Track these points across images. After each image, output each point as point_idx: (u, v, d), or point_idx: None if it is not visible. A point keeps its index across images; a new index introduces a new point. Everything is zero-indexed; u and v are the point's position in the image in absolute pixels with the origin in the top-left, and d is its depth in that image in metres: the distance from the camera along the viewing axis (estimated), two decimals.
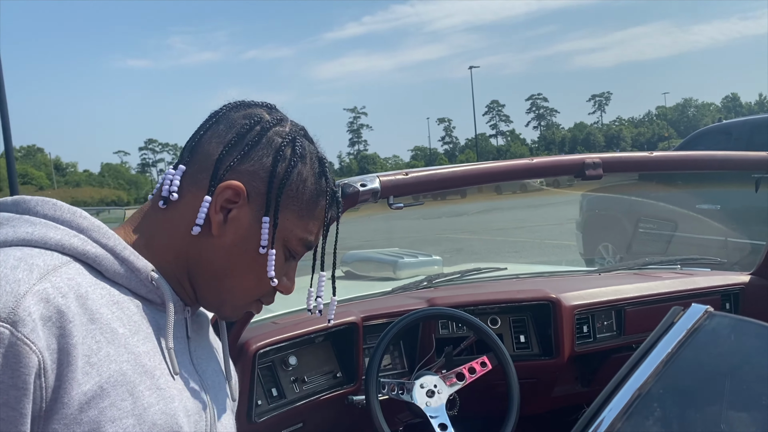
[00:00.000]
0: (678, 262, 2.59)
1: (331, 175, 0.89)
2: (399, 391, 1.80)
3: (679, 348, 0.52)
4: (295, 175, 0.82)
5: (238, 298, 0.85)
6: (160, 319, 0.80)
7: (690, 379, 0.53)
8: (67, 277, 0.71)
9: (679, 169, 1.89)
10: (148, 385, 0.73)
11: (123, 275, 0.77)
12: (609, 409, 0.50)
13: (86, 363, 0.68)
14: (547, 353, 2.11)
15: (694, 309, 0.58)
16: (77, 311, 0.70)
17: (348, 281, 3.19)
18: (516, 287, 2.27)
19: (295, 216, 0.83)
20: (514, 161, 1.72)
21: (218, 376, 0.91)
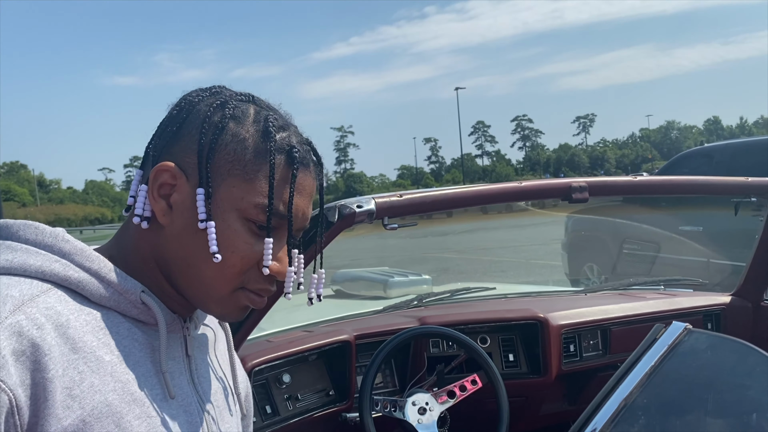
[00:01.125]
0: (661, 283, 2.66)
1: (290, 134, 0.78)
2: (391, 409, 1.83)
3: (661, 362, 0.57)
4: (228, 137, 0.75)
5: (215, 289, 0.76)
6: (154, 340, 0.76)
7: (671, 390, 0.58)
8: (45, 306, 0.68)
9: (662, 194, 1.96)
10: (137, 413, 0.70)
11: (110, 298, 0.73)
12: (597, 419, 0.55)
13: (67, 396, 0.65)
14: (535, 372, 2.16)
15: (675, 326, 0.63)
16: (56, 342, 0.66)
17: (339, 300, 3.23)
18: (505, 307, 2.33)
19: (241, 180, 0.74)
20: (505, 184, 1.79)
21: (223, 392, 0.87)
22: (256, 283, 0.77)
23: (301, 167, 0.77)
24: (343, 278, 3.41)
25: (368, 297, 3.10)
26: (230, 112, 0.76)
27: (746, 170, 4.74)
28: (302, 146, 0.78)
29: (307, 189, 0.78)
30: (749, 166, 5.20)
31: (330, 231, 1.51)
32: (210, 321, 0.91)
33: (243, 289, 0.77)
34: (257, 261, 0.75)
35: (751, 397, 0.55)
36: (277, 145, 0.76)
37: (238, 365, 0.94)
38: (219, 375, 0.88)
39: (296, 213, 0.77)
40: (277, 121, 0.78)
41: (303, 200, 0.78)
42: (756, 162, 5.31)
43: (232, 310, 0.78)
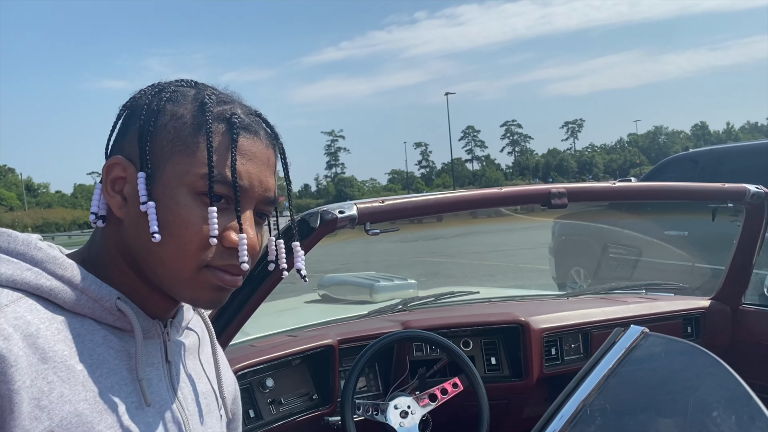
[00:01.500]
0: (643, 287, 2.70)
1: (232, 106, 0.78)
2: (373, 412, 1.85)
3: (618, 365, 0.59)
4: (167, 118, 0.75)
5: (178, 270, 0.74)
6: (131, 347, 0.75)
7: (626, 392, 0.61)
8: (13, 316, 0.67)
9: (640, 199, 2.00)
10: (109, 423, 0.70)
11: (84, 306, 0.73)
12: (556, 421, 0.57)
13: (35, 407, 0.65)
14: (516, 375, 2.18)
15: (632, 330, 0.66)
16: (23, 353, 0.66)
17: (324, 304, 3.25)
18: (487, 311, 2.35)
19: (184, 155, 0.74)
20: (484, 190, 1.81)
21: (207, 397, 0.86)
22: (221, 259, 0.74)
23: (245, 132, 0.76)
24: (330, 283, 3.43)
25: (354, 301, 3.12)
26: (167, 96, 0.77)
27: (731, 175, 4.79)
28: (248, 116, 0.78)
29: (259, 156, 0.77)
30: (734, 171, 5.27)
31: (312, 236, 1.53)
32: (194, 325, 0.90)
33: (209, 268, 0.74)
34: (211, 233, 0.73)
35: (700, 397, 0.58)
36: (215, 114, 0.75)
37: (224, 369, 0.93)
38: (203, 380, 0.87)
39: (250, 180, 0.75)
40: (216, 95, 0.78)
41: (254, 167, 0.76)
42: (740, 167, 5.37)
43: (203, 293, 0.75)
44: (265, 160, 0.78)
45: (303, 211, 1.67)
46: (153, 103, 0.76)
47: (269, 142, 0.79)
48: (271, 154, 0.79)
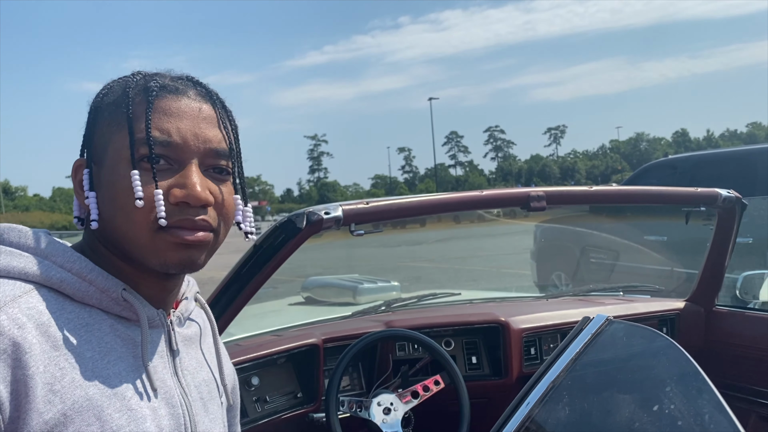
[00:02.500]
0: (620, 289, 2.77)
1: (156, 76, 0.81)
2: (357, 409, 1.89)
3: (585, 348, 0.65)
4: (103, 109, 0.80)
5: (137, 237, 0.77)
6: (137, 336, 0.79)
7: (591, 372, 0.66)
8: (27, 306, 0.71)
9: (616, 202, 2.06)
10: (118, 407, 0.73)
11: (92, 297, 0.76)
12: (530, 398, 0.63)
13: (49, 391, 0.69)
14: (497, 374, 2.24)
15: (598, 318, 0.71)
16: (37, 340, 0.70)
17: (309, 306, 3.29)
18: (468, 311, 2.41)
19: (116, 134, 0.78)
20: (466, 193, 1.87)
21: (209, 385, 0.90)
22: (171, 217, 0.76)
23: (165, 93, 0.78)
24: (313, 285, 3.47)
25: (338, 303, 3.16)
26: (104, 92, 0.82)
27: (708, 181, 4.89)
28: (173, 81, 0.81)
29: (187, 111, 0.79)
30: (711, 177, 5.39)
31: (297, 237, 1.57)
32: (196, 316, 0.94)
33: (165, 229, 0.76)
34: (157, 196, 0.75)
35: (655, 374, 0.63)
36: (137, 88, 0.79)
37: (224, 358, 0.97)
38: (205, 368, 0.91)
39: (181, 135, 0.77)
40: (143, 75, 0.82)
41: (184, 122, 0.78)
42: (717, 173, 5.50)
43: (168, 254, 0.77)
44: (198, 115, 0.79)
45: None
46: (92, 104, 0.83)
47: (201, 98, 0.81)
48: (205, 109, 0.81)
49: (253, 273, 1.65)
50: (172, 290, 0.86)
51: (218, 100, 0.83)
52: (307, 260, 7.10)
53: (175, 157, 0.77)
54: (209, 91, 0.83)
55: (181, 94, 0.80)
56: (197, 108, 0.80)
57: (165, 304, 0.85)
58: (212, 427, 0.87)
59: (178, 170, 0.77)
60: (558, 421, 0.62)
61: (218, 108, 0.82)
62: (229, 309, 1.67)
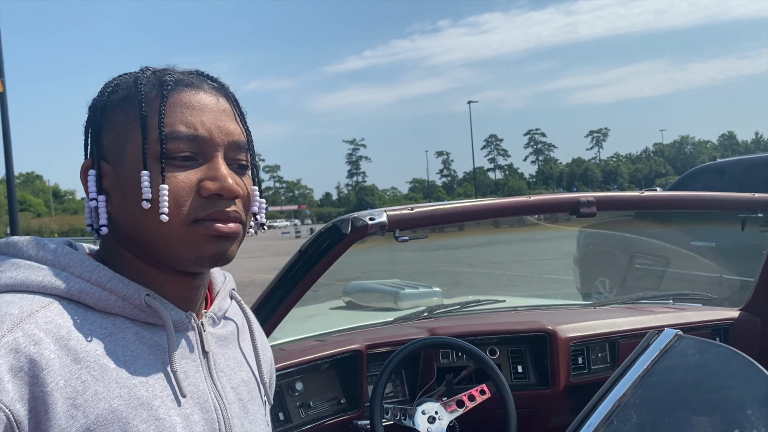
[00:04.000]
0: (670, 297, 2.68)
1: (167, 71, 0.80)
2: (401, 417, 1.87)
3: (652, 366, 0.61)
4: (114, 106, 0.78)
5: (168, 236, 0.76)
6: (164, 341, 0.77)
7: (661, 391, 0.62)
8: (44, 321, 0.70)
9: (669, 208, 2.00)
10: (145, 417, 0.72)
11: (115, 305, 0.75)
12: (593, 418, 0.59)
13: (71, 406, 0.67)
14: (543, 383, 2.19)
15: (666, 333, 0.67)
16: (56, 355, 0.68)
17: (350, 311, 3.28)
18: (514, 319, 2.36)
19: (135, 131, 0.76)
20: (513, 198, 1.83)
21: (249, 385, 0.88)
22: (204, 210, 0.75)
23: (182, 87, 0.77)
24: (355, 290, 3.46)
25: (379, 308, 3.14)
26: (109, 89, 0.80)
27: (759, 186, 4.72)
28: (186, 75, 0.79)
29: (208, 104, 0.78)
30: (762, 182, 5.20)
31: (342, 242, 1.56)
32: (232, 314, 0.91)
33: (197, 222, 0.75)
34: (188, 190, 0.75)
35: (734, 396, 0.59)
36: (149, 84, 0.77)
37: (263, 353, 0.94)
38: (244, 368, 0.88)
39: (206, 129, 0.76)
40: (152, 70, 0.80)
41: (207, 115, 0.77)
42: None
43: (201, 247, 0.76)
44: (217, 108, 0.79)
45: (325, 221, 1.70)
46: (98, 102, 0.80)
47: (216, 92, 0.80)
48: (223, 103, 0.80)
49: (299, 278, 1.64)
50: (199, 289, 0.83)
51: (231, 93, 0.83)
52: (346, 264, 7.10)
53: (201, 150, 0.76)
54: (222, 85, 0.82)
55: (197, 87, 0.79)
56: (216, 102, 0.79)
57: (194, 305, 0.83)
58: (252, 429, 0.85)
59: (203, 163, 0.77)
60: None
61: (232, 101, 0.82)
62: (274, 313, 1.67)
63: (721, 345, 0.66)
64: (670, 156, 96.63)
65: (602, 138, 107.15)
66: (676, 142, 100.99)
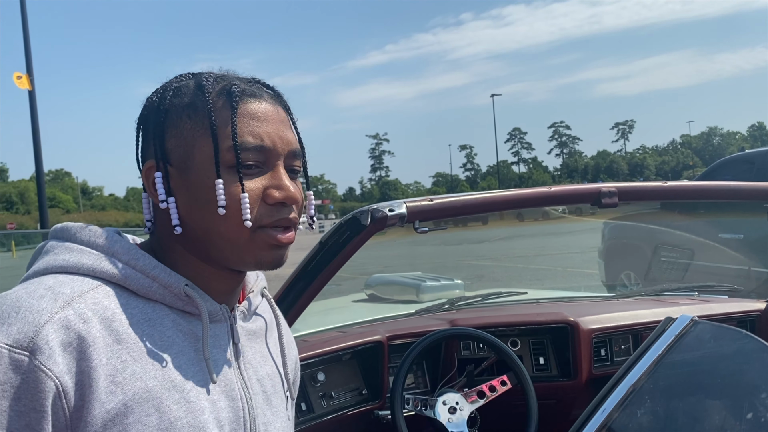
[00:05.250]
0: (695, 289, 2.65)
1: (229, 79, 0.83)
2: (422, 407, 1.88)
3: (668, 351, 0.61)
4: (177, 112, 0.81)
5: (236, 239, 0.80)
6: (198, 330, 0.82)
7: (675, 376, 0.62)
8: (93, 302, 0.75)
9: (692, 199, 1.97)
10: (177, 399, 0.76)
11: (156, 292, 0.79)
12: (607, 402, 0.60)
13: (111, 383, 0.72)
14: (565, 375, 2.18)
15: (682, 318, 0.67)
16: (101, 334, 0.73)
17: (372, 303, 3.29)
18: (536, 311, 2.35)
19: (205, 136, 0.79)
20: (533, 189, 1.82)
21: (273, 379, 0.92)
22: (269, 218, 0.80)
23: (248, 98, 0.81)
24: (377, 282, 3.47)
25: (401, 301, 3.15)
26: (170, 93, 0.82)
27: None
28: (247, 84, 0.83)
29: (270, 115, 0.82)
30: None
31: (362, 234, 1.57)
32: (263, 311, 0.95)
33: (262, 228, 0.80)
34: (255, 197, 0.79)
35: (748, 380, 0.59)
36: (215, 92, 0.81)
37: (289, 351, 0.98)
38: (269, 363, 0.92)
39: (271, 139, 0.80)
40: (213, 76, 0.83)
41: (270, 126, 0.81)
42: None
43: (263, 253, 0.80)
44: (278, 118, 0.82)
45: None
46: (160, 105, 0.82)
47: (275, 101, 0.84)
48: (281, 111, 0.84)
49: (319, 270, 1.66)
50: (239, 285, 0.87)
51: (285, 101, 0.86)
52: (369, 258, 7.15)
53: (264, 160, 0.80)
54: (278, 93, 0.86)
55: (259, 97, 0.82)
56: (277, 112, 0.83)
57: (229, 299, 0.87)
58: (274, 420, 0.88)
59: (266, 172, 0.81)
60: (639, 427, 0.58)
61: (287, 110, 0.86)
62: (295, 305, 1.69)
63: (738, 330, 0.66)
64: (697, 148, 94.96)
65: (628, 130, 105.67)
66: (704, 133, 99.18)
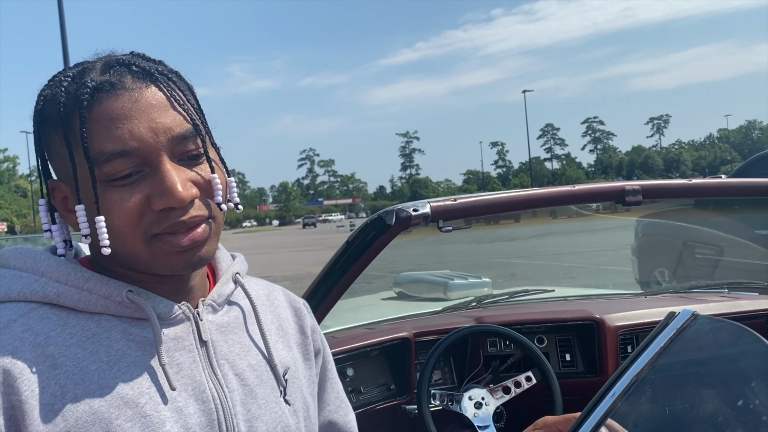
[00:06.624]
0: (725, 286, 2.63)
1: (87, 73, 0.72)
2: (448, 402, 1.92)
3: (670, 343, 0.65)
4: (47, 119, 0.73)
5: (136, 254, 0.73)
6: (161, 333, 0.75)
7: (675, 366, 0.66)
8: (22, 329, 0.71)
9: (720, 196, 1.97)
10: (129, 416, 0.70)
11: (97, 304, 0.74)
12: (612, 391, 0.64)
13: (49, 411, 0.68)
14: (591, 372, 2.20)
15: (684, 313, 0.71)
16: (32, 363, 0.69)
17: (401, 301, 3.34)
18: (562, 308, 2.37)
19: (78, 153, 0.71)
20: (557, 188, 1.85)
21: (257, 369, 0.83)
22: (159, 225, 0.72)
23: (99, 95, 0.70)
24: (405, 280, 3.52)
25: (428, 298, 3.19)
26: (40, 104, 0.75)
27: None
28: (103, 75, 0.72)
29: (129, 108, 0.70)
30: None
31: (387, 233, 1.62)
32: (239, 298, 0.88)
33: (156, 237, 0.72)
34: (137, 210, 0.71)
35: (740, 370, 0.63)
36: (69, 100, 0.71)
37: (273, 338, 0.88)
38: (252, 352, 0.84)
39: (139, 137, 0.69)
40: (69, 74, 0.73)
41: (133, 122, 0.70)
42: None
43: (170, 260, 0.73)
44: (145, 105, 0.71)
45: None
46: (35, 120, 0.76)
47: (141, 82, 0.72)
48: (150, 94, 0.72)
49: (346, 268, 1.71)
50: (189, 281, 0.80)
51: (161, 75, 0.73)
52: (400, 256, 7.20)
53: (141, 161, 0.70)
54: (147, 70, 0.73)
55: (118, 88, 0.70)
56: (143, 98, 0.71)
57: (187, 295, 0.80)
58: (262, 414, 0.81)
59: (151, 173, 0.71)
60: (640, 414, 0.63)
61: (164, 85, 0.73)
62: (324, 302, 1.74)
63: (733, 323, 0.70)
64: (735, 142, 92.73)
65: (663, 125, 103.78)
66: (743, 127, 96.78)
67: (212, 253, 0.76)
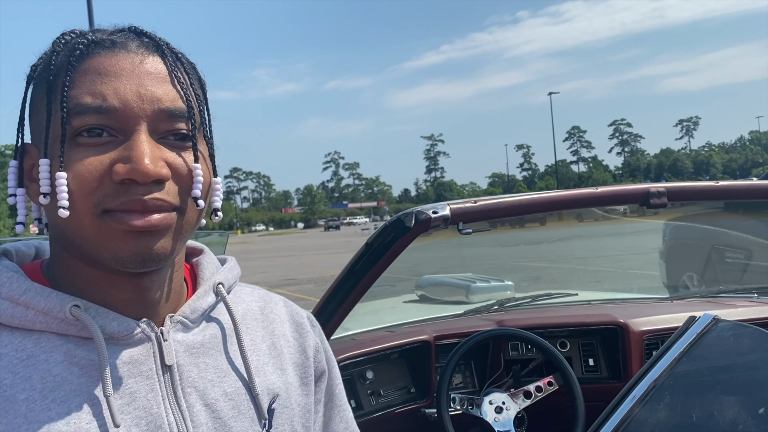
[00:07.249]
0: (754, 291, 2.57)
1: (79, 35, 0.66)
2: (468, 406, 1.90)
3: (689, 348, 0.63)
4: (36, 77, 0.67)
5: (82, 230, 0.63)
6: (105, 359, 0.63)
7: (695, 372, 0.64)
8: None
9: (747, 198, 1.92)
10: None
11: (35, 321, 0.63)
12: (629, 398, 0.62)
13: None
14: (615, 377, 2.16)
15: (704, 317, 0.69)
16: None
17: (422, 304, 3.33)
18: (585, 312, 2.34)
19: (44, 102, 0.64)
20: (579, 190, 1.82)
21: (234, 398, 0.71)
22: (115, 199, 0.62)
23: (96, 49, 0.64)
24: (427, 283, 3.50)
25: (450, 302, 3.17)
26: (37, 63, 0.68)
27: None
28: (109, 35, 0.66)
29: (126, 68, 0.64)
30: None
31: (407, 235, 1.61)
32: (219, 314, 0.75)
33: (108, 213, 0.62)
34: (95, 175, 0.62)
35: (762, 376, 0.60)
36: (64, 49, 0.65)
37: (256, 363, 0.75)
38: (230, 378, 0.72)
39: (121, 98, 0.62)
40: (74, 31, 0.67)
41: (121, 81, 0.63)
42: None
43: (118, 245, 0.63)
44: (141, 70, 0.64)
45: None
46: (28, 78, 0.68)
47: (145, 50, 0.66)
48: (151, 63, 0.65)
49: (366, 270, 1.71)
50: (153, 290, 0.69)
51: (169, 49, 0.68)
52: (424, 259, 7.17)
53: (118, 125, 0.62)
54: (156, 41, 0.67)
55: (119, 47, 0.64)
56: (139, 62, 0.64)
57: (151, 310, 0.69)
58: None
59: (125, 140, 0.63)
60: (658, 421, 0.61)
61: (169, 59, 0.67)
62: (343, 305, 1.74)
63: (755, 328, 0.67)
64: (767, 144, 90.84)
65: (693, 127, 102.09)
66: None
67: (168, 252, 0.65)
